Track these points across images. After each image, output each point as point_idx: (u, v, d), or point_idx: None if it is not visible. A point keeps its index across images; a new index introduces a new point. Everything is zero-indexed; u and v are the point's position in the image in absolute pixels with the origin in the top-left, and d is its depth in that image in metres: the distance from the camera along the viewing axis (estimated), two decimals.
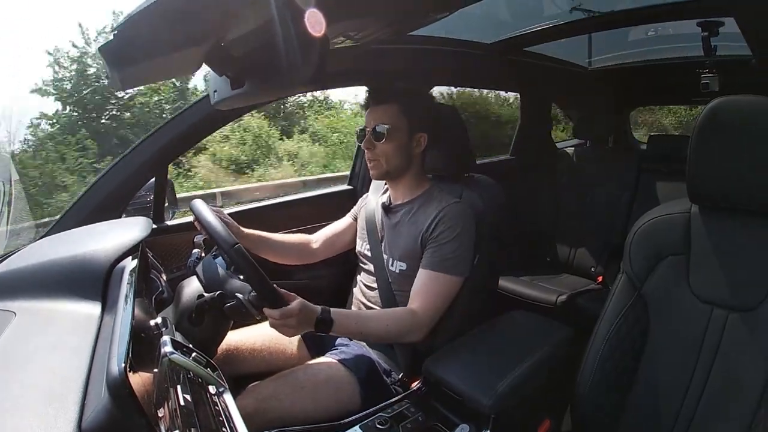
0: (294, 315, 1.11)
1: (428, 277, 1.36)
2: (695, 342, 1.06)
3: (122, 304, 0.81)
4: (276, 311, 1.11)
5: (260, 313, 1.12)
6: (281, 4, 0.64)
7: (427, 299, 1.33)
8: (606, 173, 2.72)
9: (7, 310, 0.88)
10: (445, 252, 1.35)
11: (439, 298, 1.35)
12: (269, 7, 0.64)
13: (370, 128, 1.42)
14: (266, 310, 1.11)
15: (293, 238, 1.66)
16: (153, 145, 1.58)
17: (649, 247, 1.13)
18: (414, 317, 1.30)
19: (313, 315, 1.16)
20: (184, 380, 0.83)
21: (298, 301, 1.13)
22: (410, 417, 1.11)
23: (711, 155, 1.03)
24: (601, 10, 1.89)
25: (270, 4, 0.64)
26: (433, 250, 1.37)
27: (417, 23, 1.57)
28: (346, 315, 1.27)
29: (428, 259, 1.37)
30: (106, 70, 0.79)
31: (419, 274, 1.38)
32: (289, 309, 1.11)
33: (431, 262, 1.36)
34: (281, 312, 1.10)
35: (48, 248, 1.11)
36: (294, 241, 1.65)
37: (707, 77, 2.27)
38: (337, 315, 1.20)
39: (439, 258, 1.35)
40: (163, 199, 1.66)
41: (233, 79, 0.88)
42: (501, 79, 2.79)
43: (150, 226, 1.16)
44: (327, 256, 1.69)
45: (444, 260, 1.35)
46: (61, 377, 0.66)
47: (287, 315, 1.11)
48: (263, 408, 1.21)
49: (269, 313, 1.11)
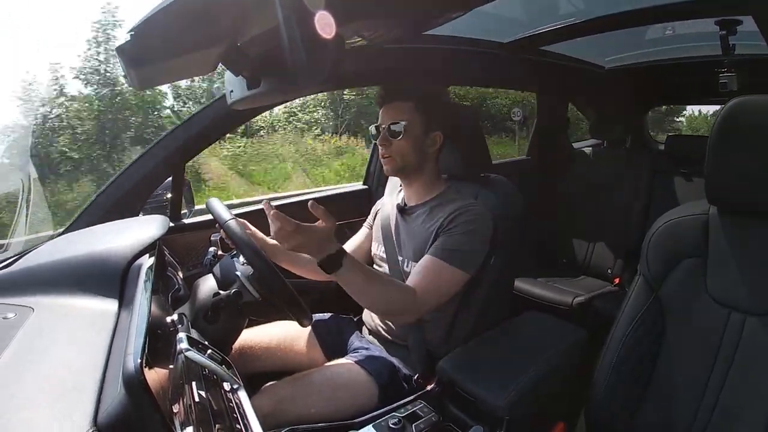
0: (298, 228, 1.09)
1: (432, 263, 1.32)
2: (712, 346, 1.05)
3: (139, 301, 0.82)
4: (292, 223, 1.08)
5: (274, 308, 1.12)
6: (294, 4, 0.64)
7: (426, 285, 1.28)
8: (623, 174, 2.69)
9: (26, 305, 0.89)
10: (454, 243, 1.32)
11: (440, 286, 1.30)
12: (284, 7, 0.64)
13: (386, 125, 1.41)
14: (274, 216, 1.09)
15: None
16: (170, 144, 1.60)
17: (667, 250, 1.12)
18: (413, 296, 1.26)
19: (329, 244, 1.13)
20: (199, 377, 0.84)
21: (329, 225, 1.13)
22: (424, 417, 1.11)
23: (729, 156, 1.01)
24: (619, 8, 1.87)
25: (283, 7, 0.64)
26: (443, 239, 1.34)
27: (432, 23, 1.57)
28: (357, 264, 1.20)
29: (436, 248, 1.33)
30: (122, 69, 0.80)
31: (423, 259, 1.34)
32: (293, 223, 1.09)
33: (438, 249, 1.33)
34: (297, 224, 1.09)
35: (66, 245, 1.13)
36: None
37: (725, 76, 2.23)
38: (350, 259, 1.17)
39: (446, 247, 1.32)
40: (180, 197, 1.68)
41: (249, 79, 0.89)
42: (517, 78, 2.77)
43: (167, 224, 1.17)
44: None
45: (451, 251, 1.31)
46: (78, 372, 0.67)
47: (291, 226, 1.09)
48: (280, 409, 1.21)
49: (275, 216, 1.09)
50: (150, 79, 0.91)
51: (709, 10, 1.76)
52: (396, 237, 1.51)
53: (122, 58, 0.77)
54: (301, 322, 1.12)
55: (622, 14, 1.88)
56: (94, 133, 8.38)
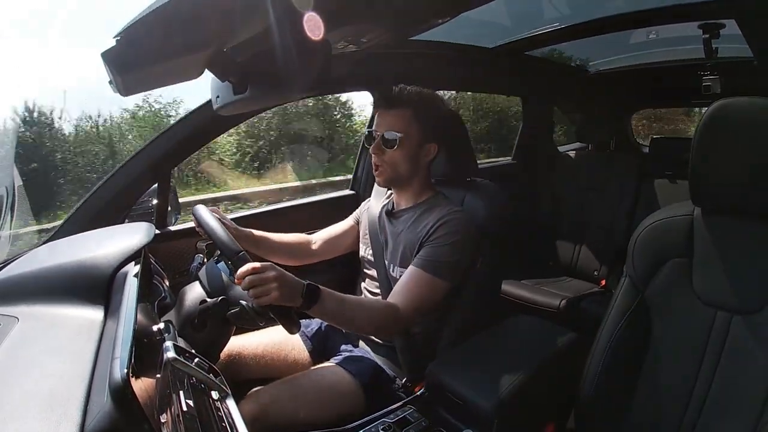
0: (268, 274, 1.06)
1: (415, 275, 1.32)
2: (699, 345, 1.06)
3: (125, 310, 0.81)
4: (248, 266, 1.06)
5: (263, 318, 1.12)
6: (282, 10, 0.64)
7: (410, 297, 1.29)
8: (608, 176, 2.72)
9: (10, 315, 0.88)
10: (437, 255, 1.33)
11: (423, 299, 1.30)
12: (271, 13, 0.64)
13: (380, 133, 1.39)
14: (240, 271, 1.06)
15: (293, 238, 1.64)
16: (155, 151, 1.59)
17: (652, 250, 1.13)
18: (396, 313, 1.26)
19: (298, 284, 1.10)
20: (187, 386, 0.83)
21: (270, 264, 1.09)
22: (413, 422, 1.11)
23: (713, 158, 1.03)
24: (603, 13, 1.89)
25: (271, 11, 0.64)
26: (426, 251, 1.34)
27: (419, 28, 1.57)
28: (333, 295, 1.18)
29: (419, 259, 1.34)
30: (108, 75, 0.79)
31: (407, 271, 1.34)
32: (263, 265, 1.07)
33: (421, 261, 1.33)
34: (252, 266, 1.06)
35: (51, 253, 1.11)
36: (293, 241, 1.63)
37: (709, 79, 2.27)
38: (325, 292, 1.14)
39: (430, 259, 1.32)
40: (165, 204, 1.66)
41: (236, 84, 0.88)
42: (503, 82, 2.79)
43: (152, 231, 1.16)
44: (326, 257, 1.68)
45: (435, 263, 1.32)
46: (64, 382, 0.66)
47: (261, 271, 1.06)
48: (266, 413, 1.20)
49: (241, 272, 1.07)
50: (136, 86, 0.90)
51: (693, 14, 1.79)
52: (383, 241, 1.52)
53: (108, 64, 0.77)
54: (290, 330, 1.12)
55: (606, 19, 1.90)
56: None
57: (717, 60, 2.14)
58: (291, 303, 1.09)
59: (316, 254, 1.65)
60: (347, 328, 1.35)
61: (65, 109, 6.26)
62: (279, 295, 1.05)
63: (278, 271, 1.07)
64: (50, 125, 6.35)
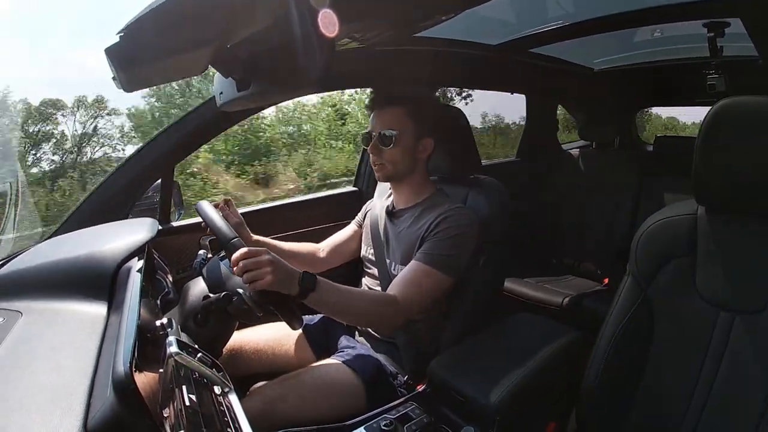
0: (262, 258, 1.06)
1: (415, 267, 1.33)
2: (701, 344, 1.06)
3: (128, 305, 0.81)
4: (242, 250, 1.07)
5: (261, 308, 1.11)
6: (292, 6, 0.64)
7: (409, 290, 1.29)
8: (612, 175, 2.71)
9: (14, 309, 0.88)
10: (439, 248, 1.33)
11: (423, 291, 1.31)
12: (277, 9, 0.64)
13: (377, 132, 1.42)
14: (234, 257, 1.07)
15: (302, 247, 1.65)
16: (159, 147, 1.59)
17: (655, 249, 1.13)
18: (396, 306, 1.26)
19: (294, 272, 1.10)
20: (190, 380, 0.84)
21: (264, 249, 1.09)
22: (415, 418, 1.11)
23: (717, 156, 1.02)
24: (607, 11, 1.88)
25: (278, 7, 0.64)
26: (428, 245, 1.35)
27: (423, 24, 1.57)
28: (330, 284, 1.18)
29: (421, 253, 1.34)
30: (111, 71, 0.79)
31: (409, 264, 1.35)
32: (257, 250, 1.08)
33: (422, 255, 1.34)
34: (246, 251, 1.07)
35: (54, 249, 1.11)
36: (302, 250, 1.64)
37: (713, 78, 2.26)
38: (322, 281, 1.15)
39: (430, 252, 1.33)
40: (169, 200, 1.67)
41: (239, 81, 0.88)
42: (507, 80, 2.78)
43: (156, 227, 1.16)
44: (334, 265, 1.69)
45: (435, 255, 1.32)
46: (67, 376, 0.66)
47: (254, 255, 1.06)
48: (269, 410, 1.21)
49: (235, 257, 1.07)
50: (139, 81, 0.91)
51: (698, 12, 1.78)
52: (384, 240, 1.52)
53: (111, 60, 0.77)
54: (292, 326, 1.12)
55: (611, 17, 1.89)
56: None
57: (722, 59, 2.13)
58: (287, 290, 1.09)
59: (324, 262, 1.67)
60: (346, 319, 1.35)
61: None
62: (273, 279, 1.05)
63: (273, 256, 1.08)
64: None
